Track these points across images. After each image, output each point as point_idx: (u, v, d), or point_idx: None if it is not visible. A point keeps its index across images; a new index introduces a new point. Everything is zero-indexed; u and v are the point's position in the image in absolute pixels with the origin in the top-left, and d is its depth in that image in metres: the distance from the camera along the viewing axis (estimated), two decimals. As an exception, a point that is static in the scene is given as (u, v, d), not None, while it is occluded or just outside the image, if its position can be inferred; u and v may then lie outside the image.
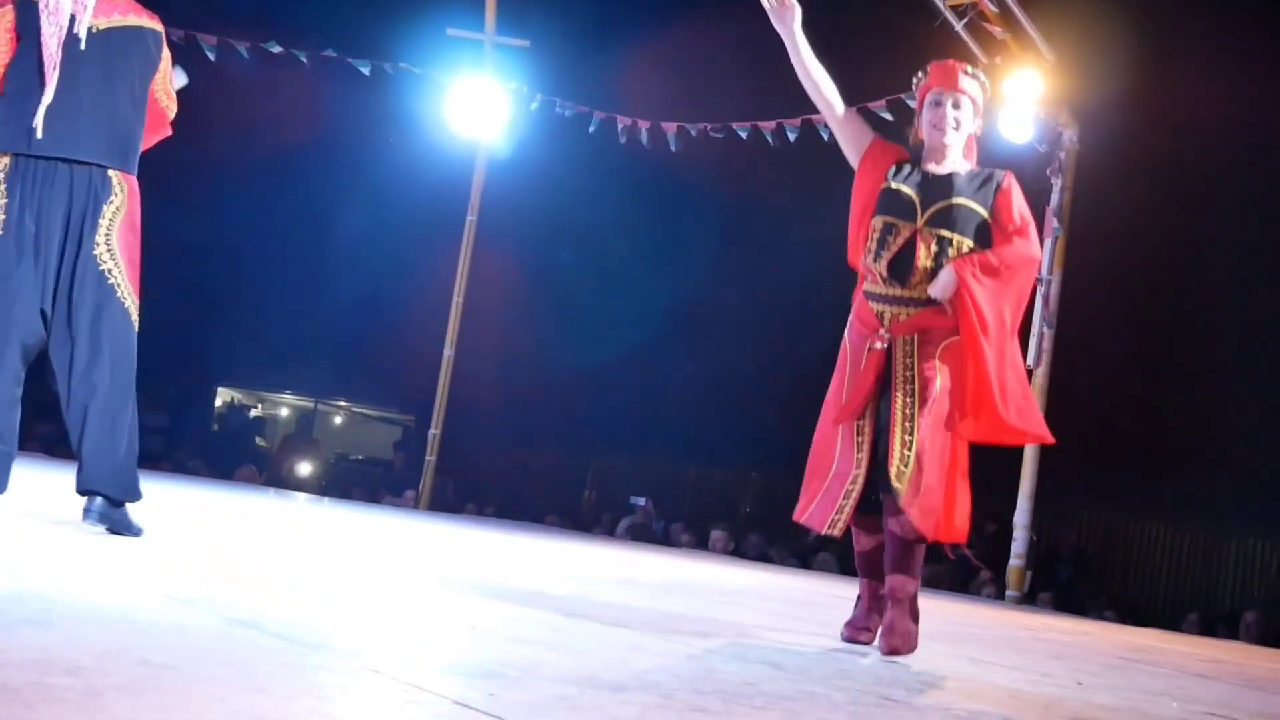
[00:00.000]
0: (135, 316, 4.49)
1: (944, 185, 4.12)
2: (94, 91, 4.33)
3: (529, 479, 17.22)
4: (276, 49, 11.43)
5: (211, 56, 11.20)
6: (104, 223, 4.36)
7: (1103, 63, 10.16)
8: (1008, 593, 10.37)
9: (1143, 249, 12.66)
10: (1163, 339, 13.11)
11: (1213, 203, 12.90)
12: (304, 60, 11.52)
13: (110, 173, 4.37)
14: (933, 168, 4.16)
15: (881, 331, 4.05)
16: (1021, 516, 10.30)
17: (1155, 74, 11.18)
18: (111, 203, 4.37)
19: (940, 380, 3.99)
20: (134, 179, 4.48)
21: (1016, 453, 10.44)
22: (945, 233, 4.05)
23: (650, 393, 16.09)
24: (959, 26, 9.28)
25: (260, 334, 17.83)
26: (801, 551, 12.31)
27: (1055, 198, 9.92)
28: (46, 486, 6.95)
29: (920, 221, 4.07)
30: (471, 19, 12.32)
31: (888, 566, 4.02)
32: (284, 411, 23.27)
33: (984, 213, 4.08)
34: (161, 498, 7.51)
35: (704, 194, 14.67)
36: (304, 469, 17.01)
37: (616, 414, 16.12)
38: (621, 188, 14.79)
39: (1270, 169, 12.04)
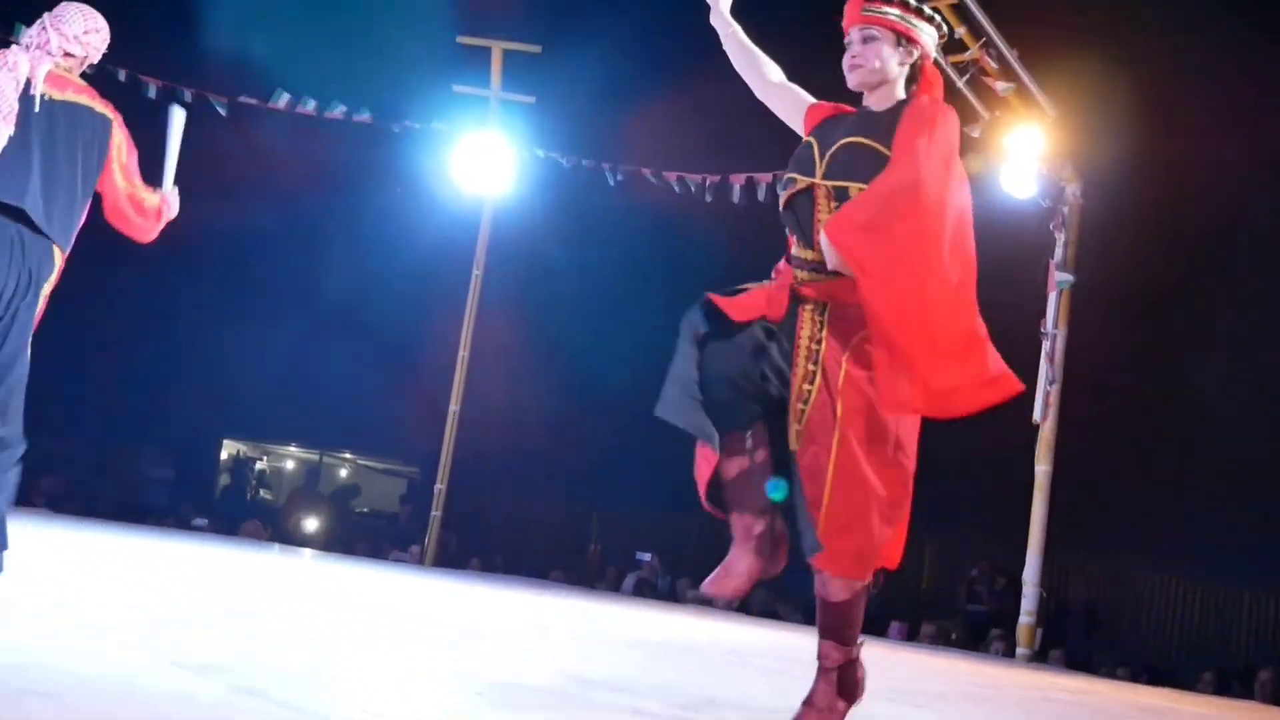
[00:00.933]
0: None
1: (844, 125, 3.56)
2: (41, 157, 4.28)
3: (534, 533, 17.18)
4: (283, 100, 11.52)
5: (223, 113, 11.30)
6: (43, 294, 4.33)
7: (1105, 117, 10.21)
8: (1018, 650, 10.28)
9: (1148, 301, 12.67)
10: (1170, 392, 13.09)
11: (1217, 255, 12.93)
12: (310, 109, 11.60)
13: (53, 246, 4.32)
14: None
15: (779, 279, 3.48)
16: (1031, 572, 10.22)
17: (1157, 128, 11.24)
18: (51, 280, 4.34)
19: (843, 403, 3.28)
20: (64, 257, 4.41)
21: (1025, 506, 10.39)
22: (843, 183, 3.42)
23: (655, 446, 16.05)
24: (960, 82, 9.33)
25: (266, 386, 17.86)
26: (808, 607, 12.22)
27: (1059, 252, 9.93)
28: (51, 545, 6.93)
29: (818, 172, 3.48)
30: (477, 75, 12.41)
31: (818, 628, 3.45)
32: (289, 464, 23.27)
33: (881, 147, 3.43)
34: (168, 554, 7.49)
35: (707, 247, 14.72)
36: (310, 524, 16.97)
37: (621, 467, 16.09)
38: (625, 243, 14.85)
39: (1273, 221, 12.07)
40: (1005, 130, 9.59)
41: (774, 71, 3.81)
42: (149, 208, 4.64)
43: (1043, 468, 10.19)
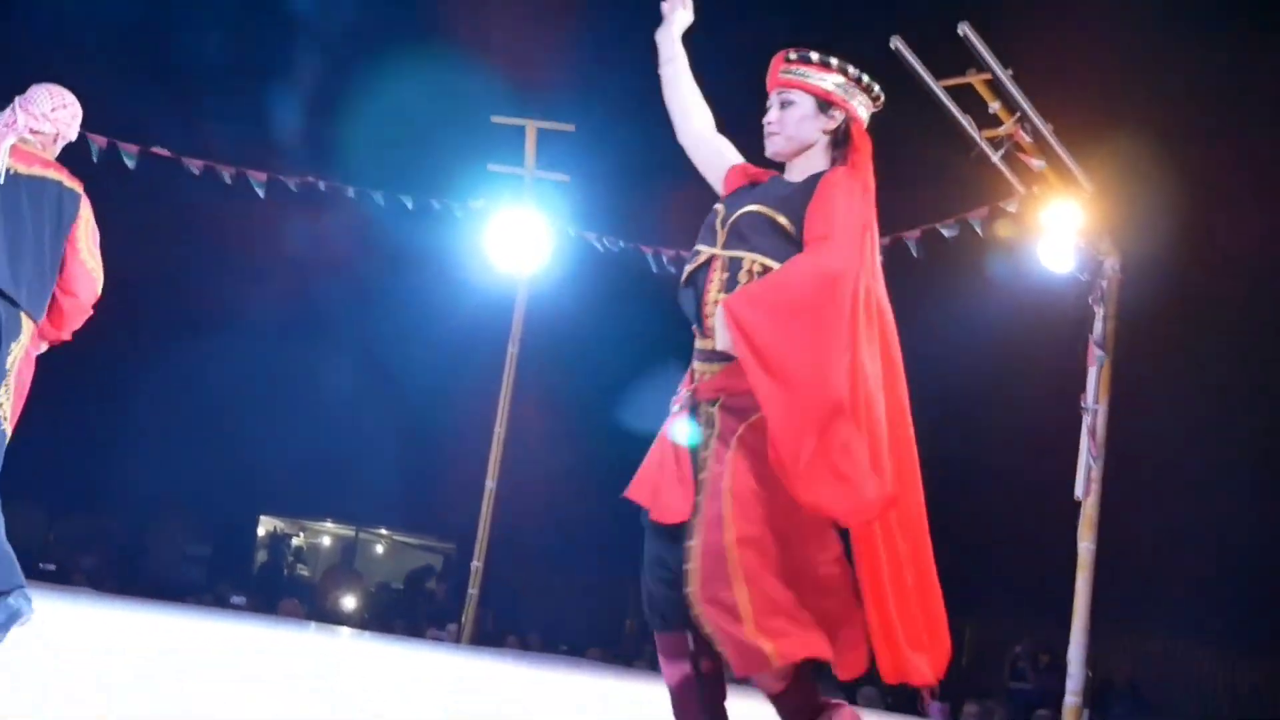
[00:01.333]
0: (8, 431, 4.46)
1: (754, 192, 3.29)
2: (5, 228, 4.39)
3: (570, 610, 17.09)
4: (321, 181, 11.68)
5: (260, 193, 11.43)
6: (10, 360, 4.39)
7: (1143, 191, 10.19)
8: (1064, 731, 10.08)
9: (1190, 374, 12.57)
10: (1214, 465, 12.94)
11: (1260, 326, 12.83)
12: (351, 195, 11.76)
13: (21, 313, 4.41)
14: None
15: (683, 392, 3.26)
16: (1076, 651, 10.02)
17: (1197, 201, 11.22)
18: (19, 341, 4.41)
19: (730, 480, 3.02)
20: (35, 326, 4.49)
21: (1068, 582, 10.23)
22: (739, 253, 3.16)
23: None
24: (996, 158, 9.33)
25: (302, 462, 17.94)
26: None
27: (1099, 326, 9.86)
28: (88, 622, 6.93)
29: (719, 242, 3.23)
30: (512, 154, 12.52)
31: None
32: (326, 540, 23.29)
33: (788, 222, 3.13)
34: (207, 633, 7.47)
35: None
36: (348, 602, 16.94)
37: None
38: (660, 319, 14.88)
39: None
40: (1042, 205, 9.58)
41: (706, 118, 3.56)
42: (96, 278, 4.70)
43: (1086, 545, 10.03)
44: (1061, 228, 9.58)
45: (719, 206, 3.32)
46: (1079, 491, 9.98)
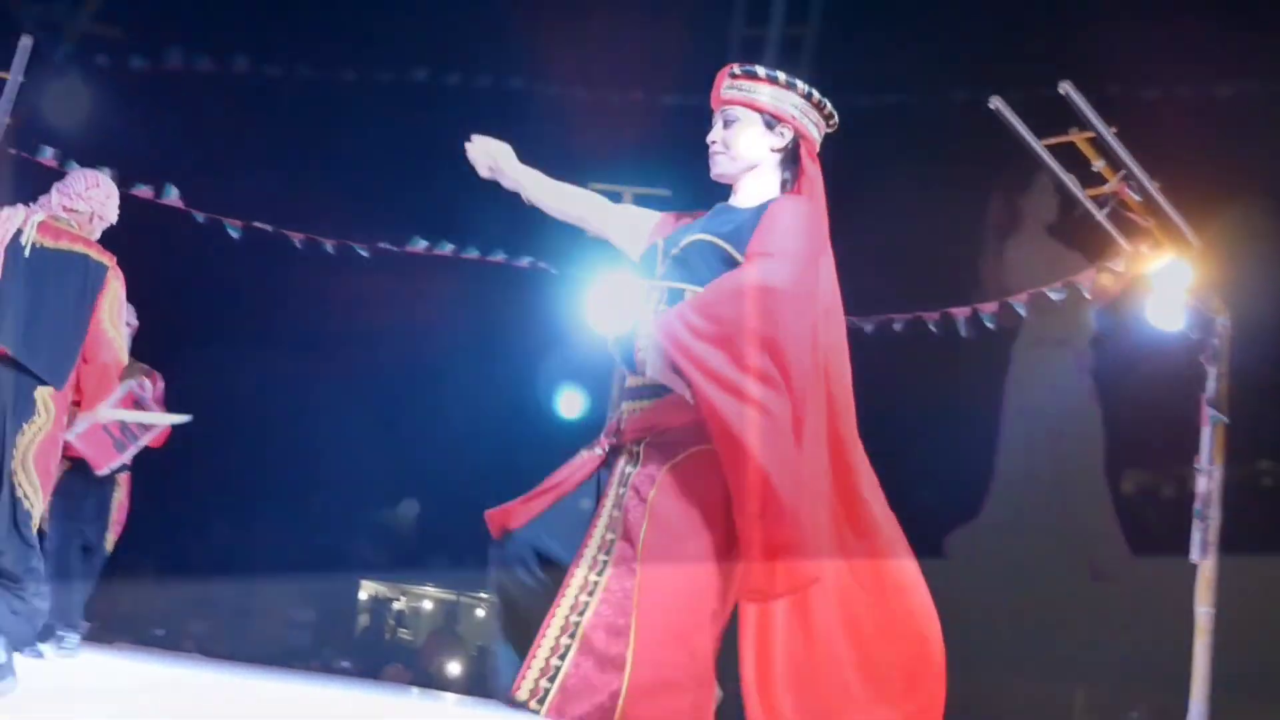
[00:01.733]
0: (36, 518, 4.54)
1: (700, 223, 3.14)
2: (27, 300, 4.52)
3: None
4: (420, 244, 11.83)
5: (365, 254, 11.61)
6: (23, 443, 4.47)
7: (1254, 247, 9.99)
8: (1190, 811, 9.71)
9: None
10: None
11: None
12: (448, 251, 11.89)
13: (38, 391, 4.49)
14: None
15: (601, 438, 3.14)
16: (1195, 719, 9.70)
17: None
18: (34, 423, 4.49)
19: (651, 521, 2.84)
20: (62, 397, 4.58)
21: (1185, 646, 9.92)
22: (680, 284, 3.01)
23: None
24: (1100, 215, 9.20)
25: (401, 526, 18.08)
26: None
27: (1211, 385, 9.63)
28: (195, 685, 7.01)
29: (657, 273, 3.10)
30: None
31: None
32: (427, 605, 23.40)
33: (734, 251, 2.95)
34: (310, 699, 7.52)
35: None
36: (453, 667, 16.97)
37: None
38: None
39: None
40: (1149, 263, 9.42)
41: (600, 200, 3.45)
42: (116, 348, 4.77)
43: (1204, 609, 9.73)
44: (1170, 285, 9.41)
45: (658, 241, 3.17)
46: (1194, 555, 9.71)
